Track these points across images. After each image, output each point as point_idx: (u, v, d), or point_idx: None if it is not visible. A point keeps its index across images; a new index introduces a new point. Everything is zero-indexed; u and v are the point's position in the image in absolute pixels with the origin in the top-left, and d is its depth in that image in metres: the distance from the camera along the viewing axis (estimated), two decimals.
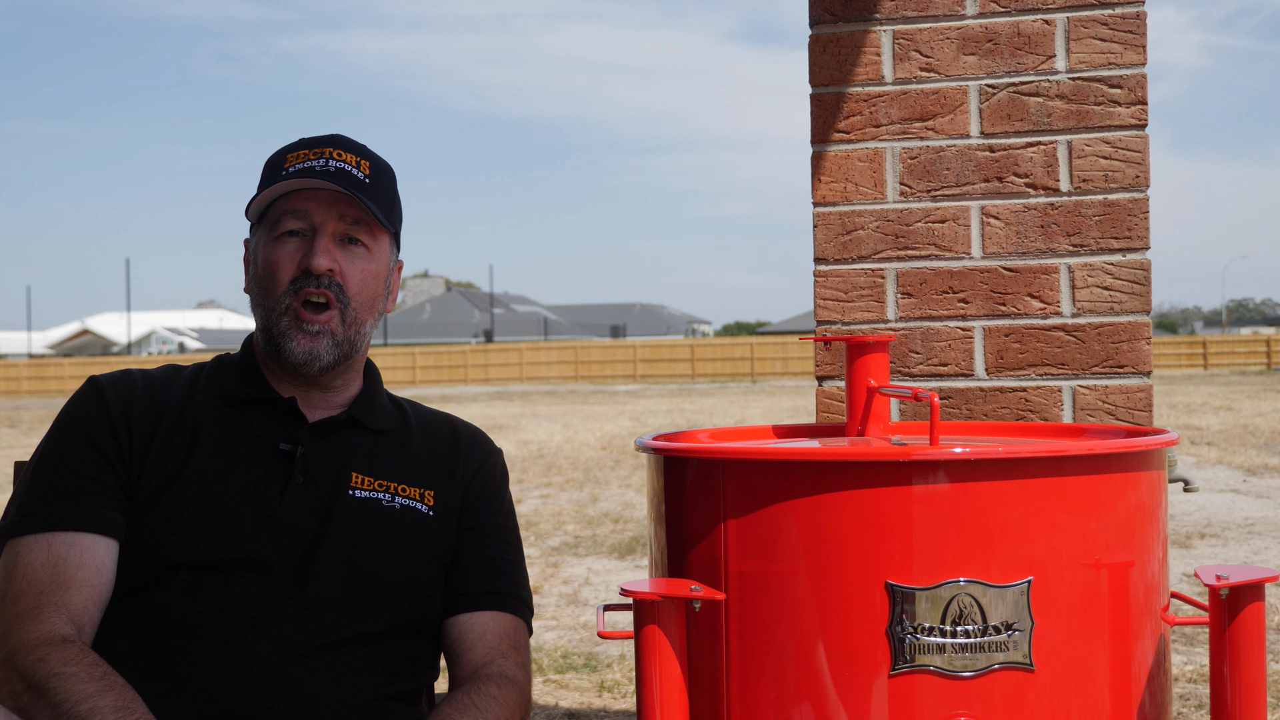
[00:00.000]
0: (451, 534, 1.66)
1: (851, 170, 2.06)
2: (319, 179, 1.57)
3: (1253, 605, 1.29)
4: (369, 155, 1.66)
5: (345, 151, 1.63)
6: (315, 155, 1.61)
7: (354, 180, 1.60)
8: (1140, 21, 1.98)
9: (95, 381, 1.62)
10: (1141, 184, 1.97)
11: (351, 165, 1.61)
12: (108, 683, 1.39)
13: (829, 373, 2.07)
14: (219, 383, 1.64)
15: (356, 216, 1.60)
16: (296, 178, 1.58)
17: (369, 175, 1.63)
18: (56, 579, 1.47)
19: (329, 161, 1.60)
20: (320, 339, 1.58)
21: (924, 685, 1.23)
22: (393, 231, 1.66)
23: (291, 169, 1.60)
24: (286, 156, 1.63)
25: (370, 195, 1.60)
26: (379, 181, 1.64)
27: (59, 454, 1.56)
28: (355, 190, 1.58)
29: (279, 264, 1.58)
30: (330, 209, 1.59)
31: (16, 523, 1.51)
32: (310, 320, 1.57)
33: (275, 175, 1.61)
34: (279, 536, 1.53)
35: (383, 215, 1.61)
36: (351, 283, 1.60)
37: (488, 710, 1.51)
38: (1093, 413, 1.97)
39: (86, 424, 1.57)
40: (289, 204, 1.59)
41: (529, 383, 42.26)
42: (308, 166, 1.59)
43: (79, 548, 1.49)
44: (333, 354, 1.59)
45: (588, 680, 4.28)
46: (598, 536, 7.53)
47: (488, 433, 1.81)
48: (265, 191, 1.59)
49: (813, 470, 1.26)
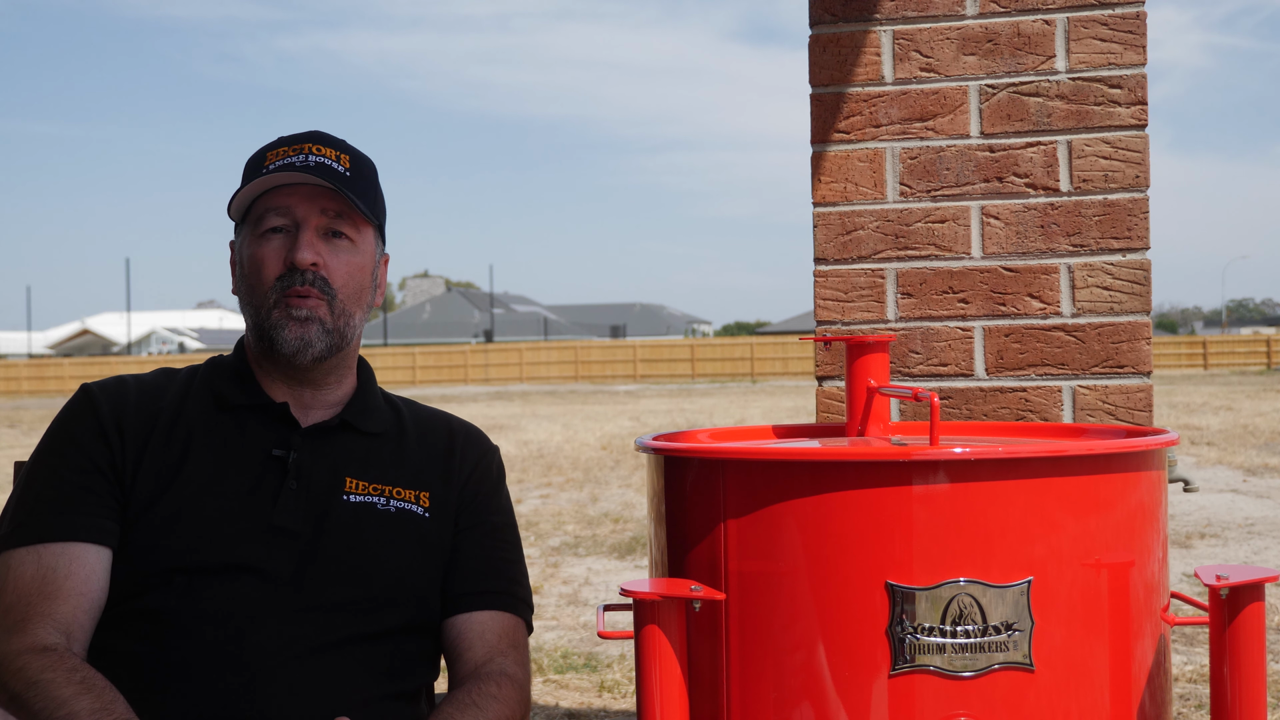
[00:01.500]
0: (449, 534, 1.65)
1: (851, 170, 2.06)
2: (299, 174, 1.57)
3: (1253, 605, 1.29)
4: (348, 149, 1.65)
5: (324, 146, 1.63)
6: (295, 151, 1.61)
7: (335, 174, 1.59)
8: (1140, 21, 1.98)
9: (87, 390, 1.62)
10: (1141, 184, 1.97)
11: (331, 159, 1.61)
12: (86, 685, 1.40)
13: (829, 373, 2.07)
14: (212, 387, 1.64)
15: (339, 210, 1.60)
16: (277, 174, 1.58)
17: (349, 169, 1.62)
18: (44, 590, 1.47)
19: (309, 157, 1.60)
20: (310, 325, 1.57)
21: (924, 685, 1.23)
22: (376, 224, 1.66)
23: (271, 166, 1.60)
24: (266, 155, 1.63)
25: (351, 188, 1.60)
26: (360, 174, 1.64)
27: (51, 464, 1.57)
28: (336, 183, 1.58)
29: (264, 261, 1.58)
30: (312, 203, 1.59)
31: (8, 535, 1.52)
32: (298, 305, 1.57)
33: (256, 173, 1.61)
34: (273, 542, 1.53)
35: (365, 207, 1.61)
36: (336, 275, 1.59)
37: (488, 709, 1.51)
38: (1093, 413, 1.97)
39: (78, 433, 1.57)
40: (271, 201, 1.59)
41: (529, 383, 42.26)
42: (287, 163, 1.59)
43: (69, 557, 1.49)
44: (324, 341, 1.59)
45: (588, 680, 4.28)
46: (598, 536, 7.53)
47: (487, 433, 1.81)
48: (246, 188, 1.59)
49: (813, 470, 1.26)
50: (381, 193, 1.71)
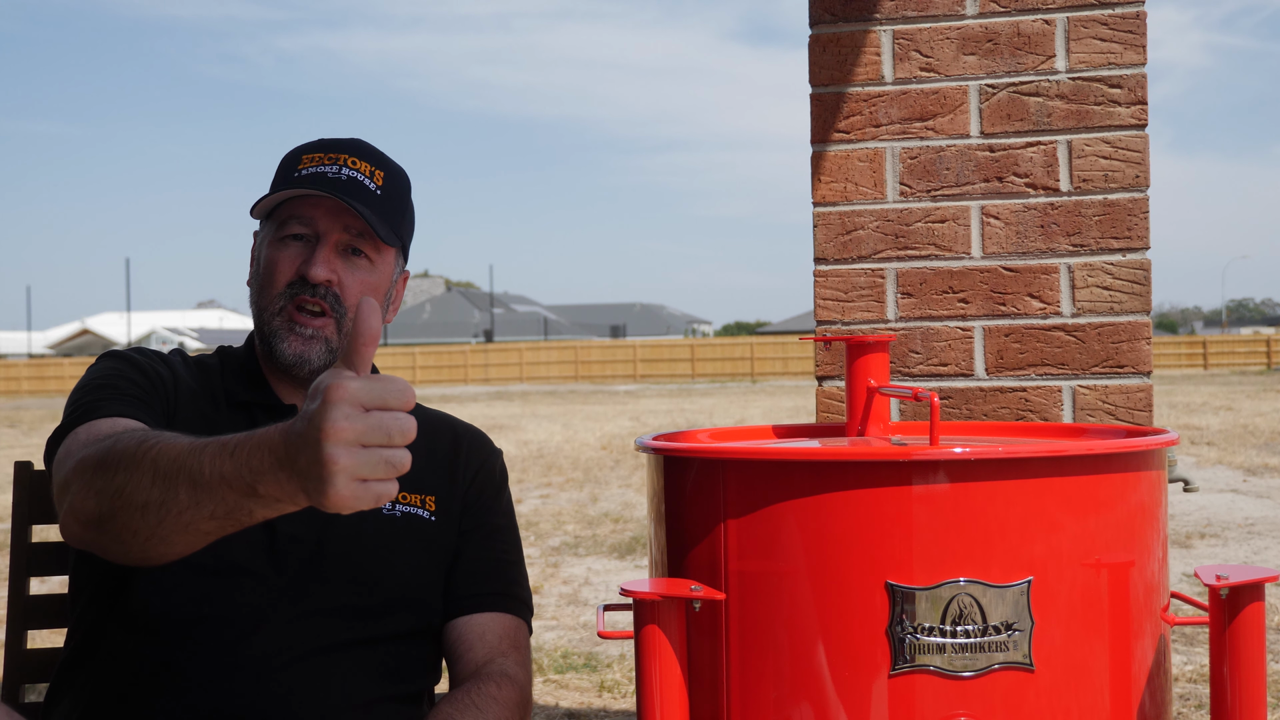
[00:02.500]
0: (453, 537, 1.65)
1: (851, 170, 2.06)
2: (327, 188, 1.56)
3: (1253, 605, 1.29)
4: (385, 164, 1.64)
5: (361, 160, 1.61)
6: (330, 160, 1.59)
7: (365, 192, 1.58)
8: (1140, 21, 1.98)
9: (117, 351, 1.60)
10: (1141, 184, 1.97)
11: (365, 175, 1.60)
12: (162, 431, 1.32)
13: (829, 373, 2.07)
14: (223, 382, 1.64)
15: (362, 228, 1.59)
16: (306, 183, 1.57)
17: (382, 186, 1.61)
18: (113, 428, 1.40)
19: (342, 169, 1.59)
20: (313, 344, 1.57)
21: (924, 685, 1.23)
22: (399, 244, 1.65)
23: (304, 172, 1.59)
24: (302, 157, 1.61)
25: (380, 208, 1.59)
26: (391, 193, 1.62)
27: (101, 381, 1.52)
28: (363, 204, 1.56)
29: (278, 266, 1.58)
30: (336, 219, 1.58)
31: (66, 426, 1.46)
32: (304, 323, 1.56)
33: (288, 175, 1.60)
34: (277, 546, 1.53)
35: (390, 230, 1.59)
36: (349, 294, 1.58)
37: (487, 710, 1.50)
38: (1093, 413, 1.97)
39: (125, 368, 1.55)
40: (296, 208, 1.58)
41: (529, 383, 42.25)
42: (320, 172, 1.58)
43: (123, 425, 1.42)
44: (324, 359, 1.58)
45: (588, 680, 4.28)
46: (598, 536, 7.53)
47: (488, 433, 1.81)
48: (273, 195, 1.59)
49: (813, 470, 1.26)
50: (411, 209, 1.69)
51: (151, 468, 1.19)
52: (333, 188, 1.56)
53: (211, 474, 1.15)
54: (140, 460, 1.21)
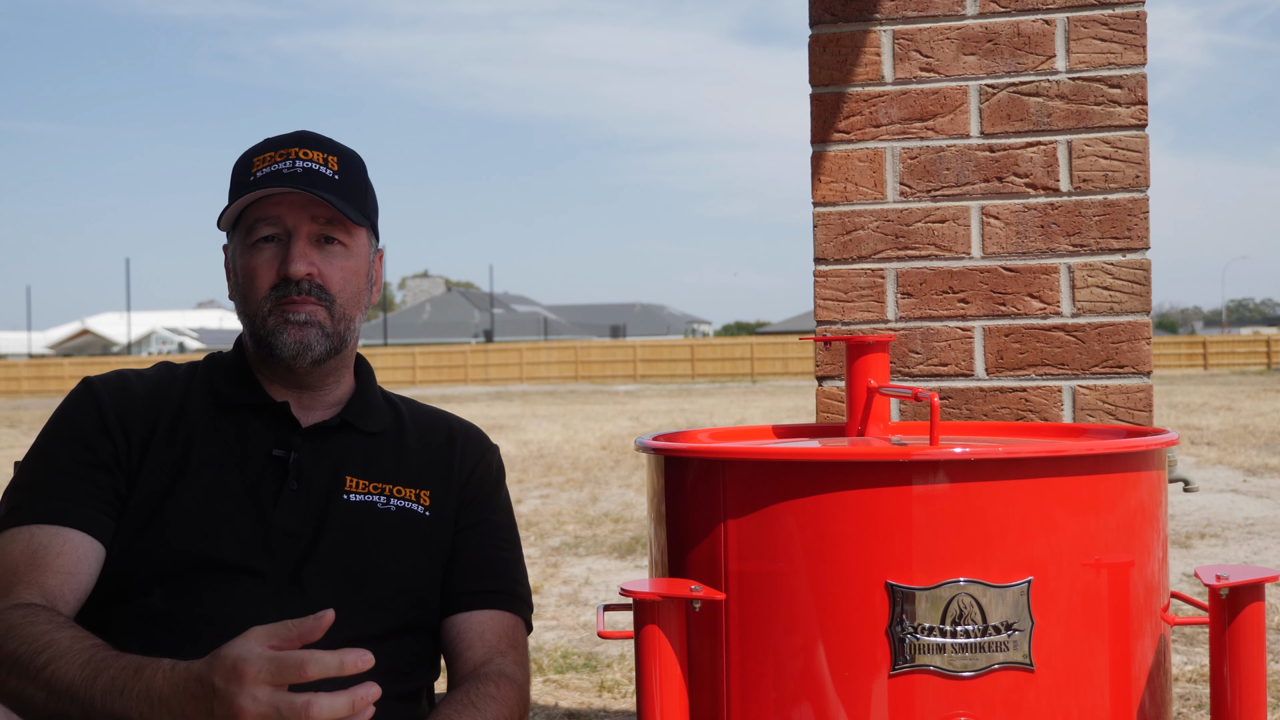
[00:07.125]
0: (449, 533, 1.65)
1: (851, 170, 2.06)
2: (287, 183, 1.55)
3: (1253, 605, 1.29)
4: (336, 149, 1.63)
5: (312, 149, 1.61)
6: (281, 157, 1.59)
7: (323, 180, 1.58)
8: (1140, 21, 1.98)
9: (90, 383, 1.61)
10: (1141, 184, 1.97)
11: (319, 163, 1.59)
12: (67, 624, 1.39)
13: (829, 373, 2.07)
14: (212, 386, 1.64)
15: (330, 216, 1.58)
16: (264, 184, 1.56)
17: (338, 171, 1.60)
18: (33, 562, 1.46)
19: (296, 162, 1.58)
20: (309, 329, 1.57)
21: (924, 685, 1.23)
22: (369, 224, 1.65)
23: (259, 174, 1.58)
24: (253, 161, 1.61)
25: (341, 192, 1.59)
26: (349, 175, 1.62)
27: (51, 453, 1.56)
28: (325, 191, 1.56)
29: (257, 271, 1.57)
30: (302, 211, 1.57)
31: (3, 517, 1.51)
32: (295, 310, 1.56)
33: (243, 181, 1.60)
34: (273, 543, 1.53)
35: (356, 211, 1.59)
36: (333, 282, 1.58)
37: (486, 709, 1.50)
38: (1093, 413, 1.97)
39: (81, 425, 1.56)
40: (260, 210, 1.58)
41: (529, 383, 42.25)
42: (275, 170, 1.57)
43: (61, 539, 1.48)
44: (323, 345, 1.58)
45: (588, 680, 4.28)
46: (598, 536, 7.53)
47: (487, 432, 1.81)
48: (235, 203, 1.58)
49: (813, 470, 1.26)
50: (371, 188, 1.69)
51: (45, 687, 1.32)
52: (292, 182, 1.56)
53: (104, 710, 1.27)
54: (35, 675, 1.32)
